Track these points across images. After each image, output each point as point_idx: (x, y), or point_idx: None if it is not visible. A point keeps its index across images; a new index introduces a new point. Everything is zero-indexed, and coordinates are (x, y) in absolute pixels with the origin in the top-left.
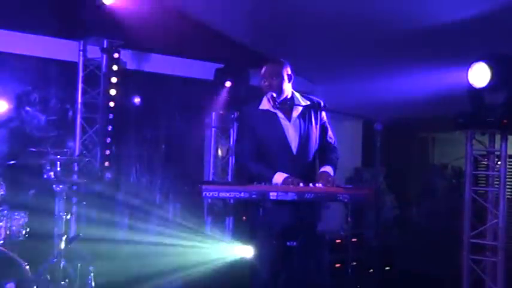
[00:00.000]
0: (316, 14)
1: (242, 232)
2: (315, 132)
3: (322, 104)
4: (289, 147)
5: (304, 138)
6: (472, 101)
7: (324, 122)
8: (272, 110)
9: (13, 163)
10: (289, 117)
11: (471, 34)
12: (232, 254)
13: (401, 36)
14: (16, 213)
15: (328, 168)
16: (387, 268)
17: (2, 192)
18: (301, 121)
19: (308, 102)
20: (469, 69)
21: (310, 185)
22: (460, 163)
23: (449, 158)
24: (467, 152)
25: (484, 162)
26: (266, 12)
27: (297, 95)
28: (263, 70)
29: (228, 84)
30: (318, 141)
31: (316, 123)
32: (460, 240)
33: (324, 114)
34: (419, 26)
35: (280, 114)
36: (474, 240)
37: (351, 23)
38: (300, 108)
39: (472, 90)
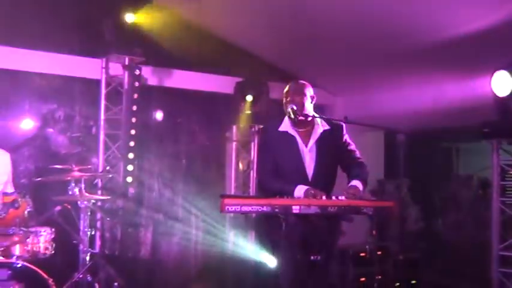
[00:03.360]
0: (336, 27)
1: (265, 245)
2: (334, 157)
3: (343, 127)
4: (305, 174)
5: (320, 166)
6: (497, 110)
7: (348, 144)
8: (291, 132)
9: (39, 180)
10: (306, 142)
11: (492, 43)
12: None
13: (422, 46)
14: (43, 229)
15: (356, 183)
16: (413, 282)
17: (29, 209)
18: (319, 147)
19: (328, 127)
20: (491, 78)
21: (333, 197)
22: (486, 173)
23: (474, 168)
24: (494, 162)
25: (511, 172)
26: (286, 25)
27: (318, 120)
28: (286, 88)
29: (248, 97)
30: (340, 164)
31: (336, 148)
32: (488, 252)
33: (346, 136)
34: (439, 36)
35: (298, 139)
36: (503, 253)
37: (371, 35)
38: (319, 133)
39: (497, 99)
